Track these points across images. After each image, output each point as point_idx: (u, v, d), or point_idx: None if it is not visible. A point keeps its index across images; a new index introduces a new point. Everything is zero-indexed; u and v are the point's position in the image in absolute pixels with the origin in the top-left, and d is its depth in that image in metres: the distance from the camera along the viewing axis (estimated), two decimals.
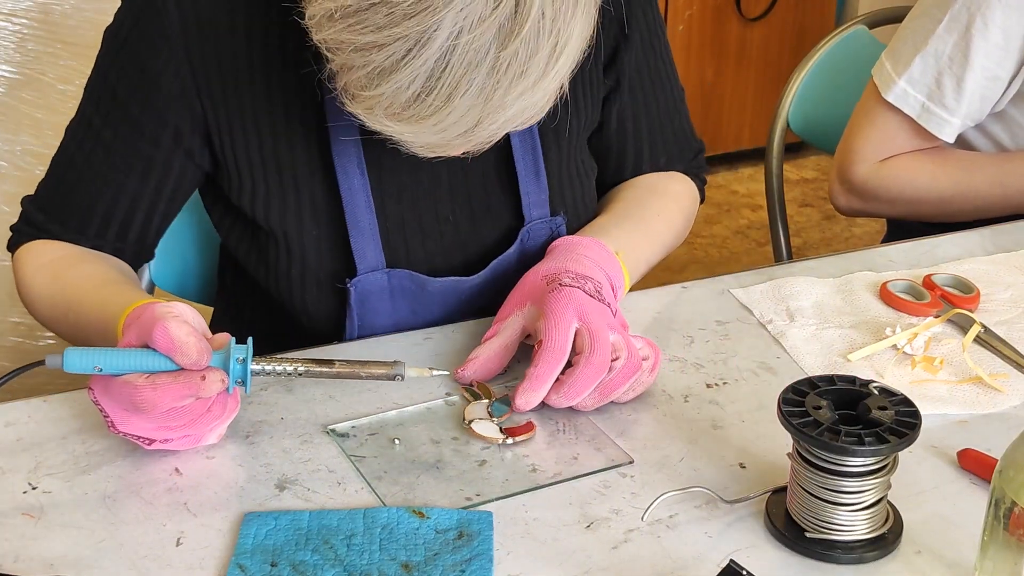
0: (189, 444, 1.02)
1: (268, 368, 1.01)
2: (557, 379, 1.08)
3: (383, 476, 1.02)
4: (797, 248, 3.22)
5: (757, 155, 3.71)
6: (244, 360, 1.00)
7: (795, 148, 3.65)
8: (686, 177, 1.42)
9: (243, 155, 1.18)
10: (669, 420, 1.10)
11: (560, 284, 1.11)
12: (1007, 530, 0.82)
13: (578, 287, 1.11)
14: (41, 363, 0.98)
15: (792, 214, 3.47)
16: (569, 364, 1.09)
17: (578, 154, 1.31)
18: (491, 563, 0.92)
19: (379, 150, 1.18)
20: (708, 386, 1.15)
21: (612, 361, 1.08)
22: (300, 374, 1.02)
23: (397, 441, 1.06)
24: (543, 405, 1.09)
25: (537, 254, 1.25)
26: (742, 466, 1.04)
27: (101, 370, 0.97)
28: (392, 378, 1.04)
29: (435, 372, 1.08)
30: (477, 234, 1.26)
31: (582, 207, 1.31)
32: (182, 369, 0.97)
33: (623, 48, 1.29)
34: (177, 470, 1.02)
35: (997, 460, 0.85)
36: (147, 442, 1.01)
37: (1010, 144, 1.62)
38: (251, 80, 1.15)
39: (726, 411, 1.11)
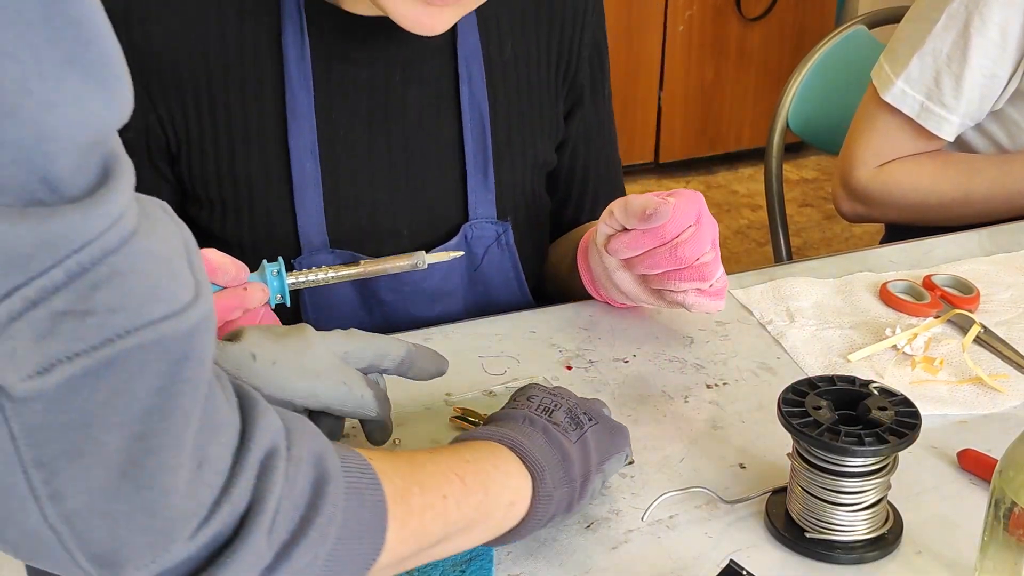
0: None
1: (302, 279, 1.08)
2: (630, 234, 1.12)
3: None
4: (797, 248, 3.22)
5: (757, 155, 3.71)
6: (279, 273, 1.06)
7: (795, 148, 3.65)
8: None
9: (199, 173, 1.21)
10: (669, 420, 1.10)
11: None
12: (1007, 530, 0.82)
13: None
14: None
15: (792, 214, 3.47)
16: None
17: (534, 175, 1.32)
18: (491, 563, 0.92)
19: (336, 156, 1.21)
20: (708, 386, 1.15)
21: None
22: (331, 279, 1.09)
23: (397, 441, 1.06)
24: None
25: (480, 258, 1.28)
26: (742, 466, 1.04)
27: None
28: (414, 266, 1.11)
29: (452, 255, 1.14)
30: (433, 239, 1.27)
31: (536, 226, 1.33)
32: (225, 288, 1.03)
33: (575, 61, 1.33)
34: None
35: (997, 460, 0.85)
36: None
37: (1008, 144, 1.61)
38: (210, 96, 1.18)
39: (726, 411, 1.11)
